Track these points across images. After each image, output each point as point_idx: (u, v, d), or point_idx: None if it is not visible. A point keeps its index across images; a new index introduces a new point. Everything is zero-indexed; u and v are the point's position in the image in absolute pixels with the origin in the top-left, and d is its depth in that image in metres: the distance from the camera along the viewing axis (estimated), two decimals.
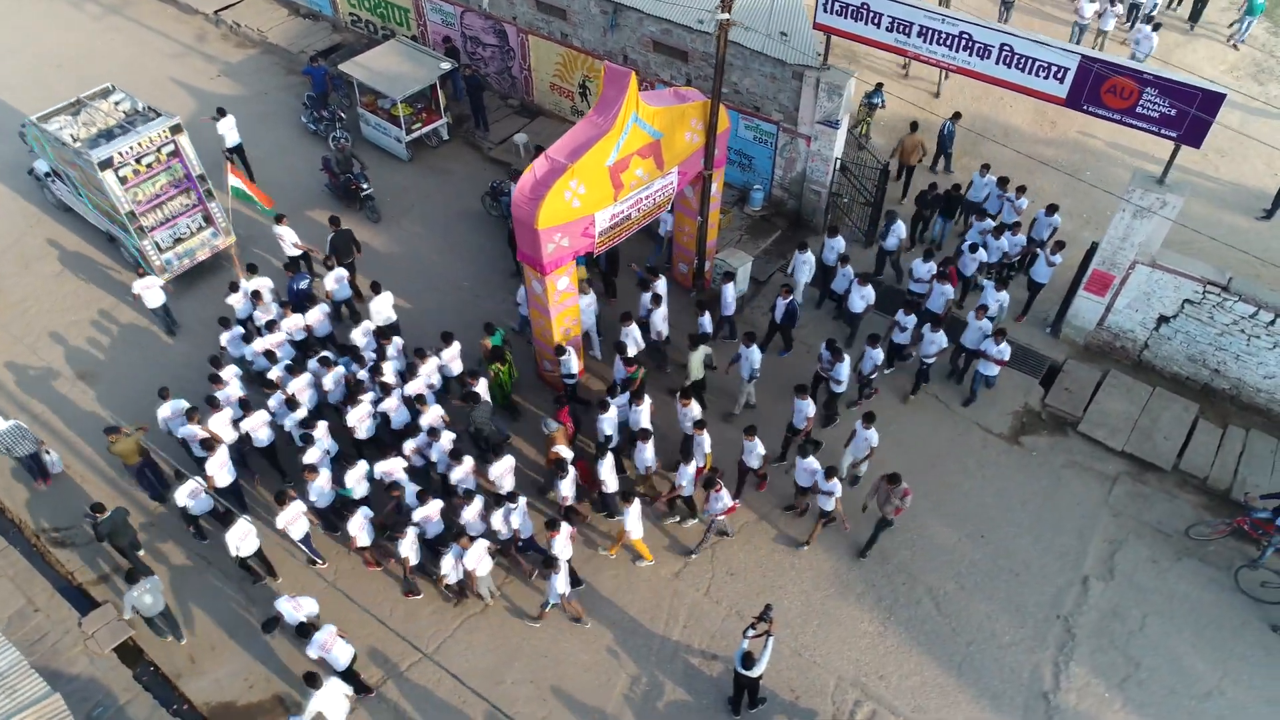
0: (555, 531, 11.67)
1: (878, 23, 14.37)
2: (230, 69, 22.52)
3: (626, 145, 13.05)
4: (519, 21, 19.44)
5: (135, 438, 13.04)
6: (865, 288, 14.56)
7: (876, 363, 13.84)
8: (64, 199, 17.85)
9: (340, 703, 10.62)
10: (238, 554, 12.12)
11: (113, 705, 11.66)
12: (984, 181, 16.36)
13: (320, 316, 14.88)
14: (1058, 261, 14.95)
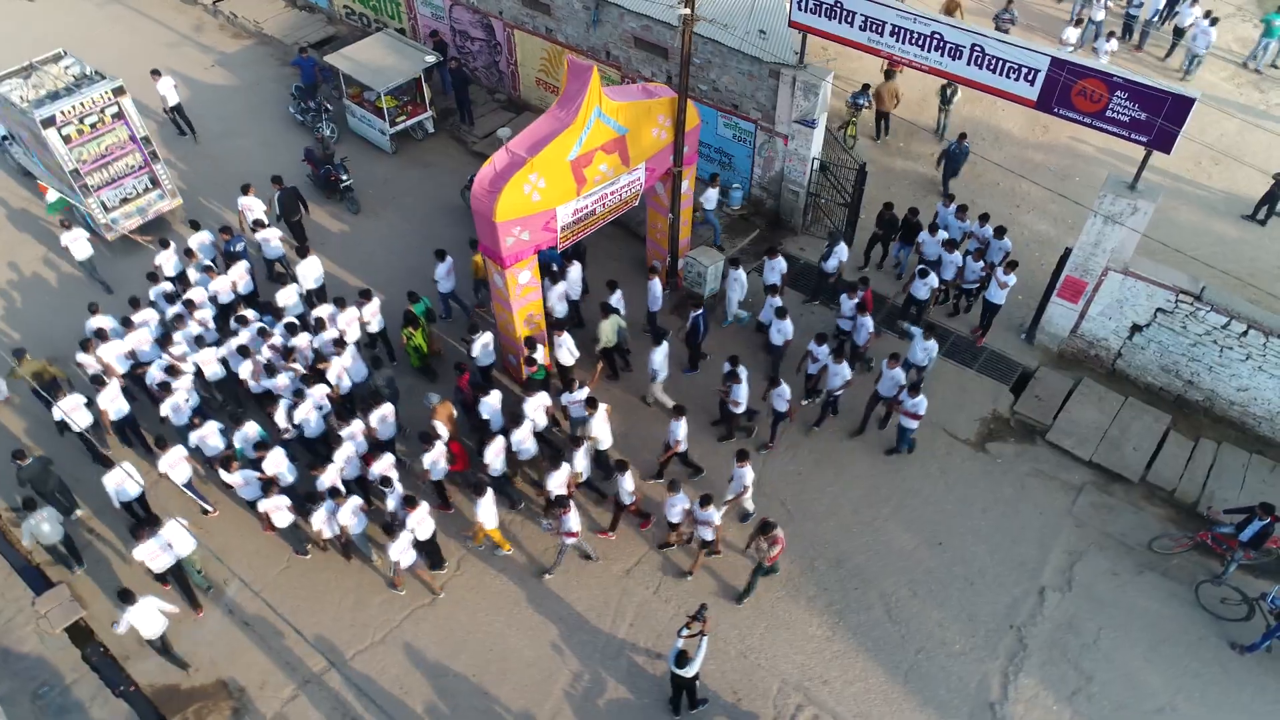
0: (412, 507, 11.80)
1: (851, 21, 14.23)
2: (225, 59, 22.69)
3: (590, 140, 12.99)
4: (505, 16, 19.44)
5: (39, 363, 13.89)
6: (784, 321, 13.99)
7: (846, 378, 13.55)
8: (21, 162, 18.42)
9: (155, 617, 11.23)
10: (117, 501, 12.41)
11: (59, 685, 11.78)
12: (947, 212, 15.96)
13: (242, 273, 15.22)
14: (1010, 282, 14.40)
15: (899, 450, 13.96)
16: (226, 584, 12.76)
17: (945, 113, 19.37)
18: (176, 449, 12.76)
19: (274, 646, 12.09)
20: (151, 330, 14.24)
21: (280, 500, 12.25)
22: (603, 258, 17.06)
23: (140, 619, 11.08)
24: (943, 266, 15.18)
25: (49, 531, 12.18)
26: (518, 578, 12.72)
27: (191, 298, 14.60)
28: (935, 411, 14.62)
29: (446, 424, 13.04)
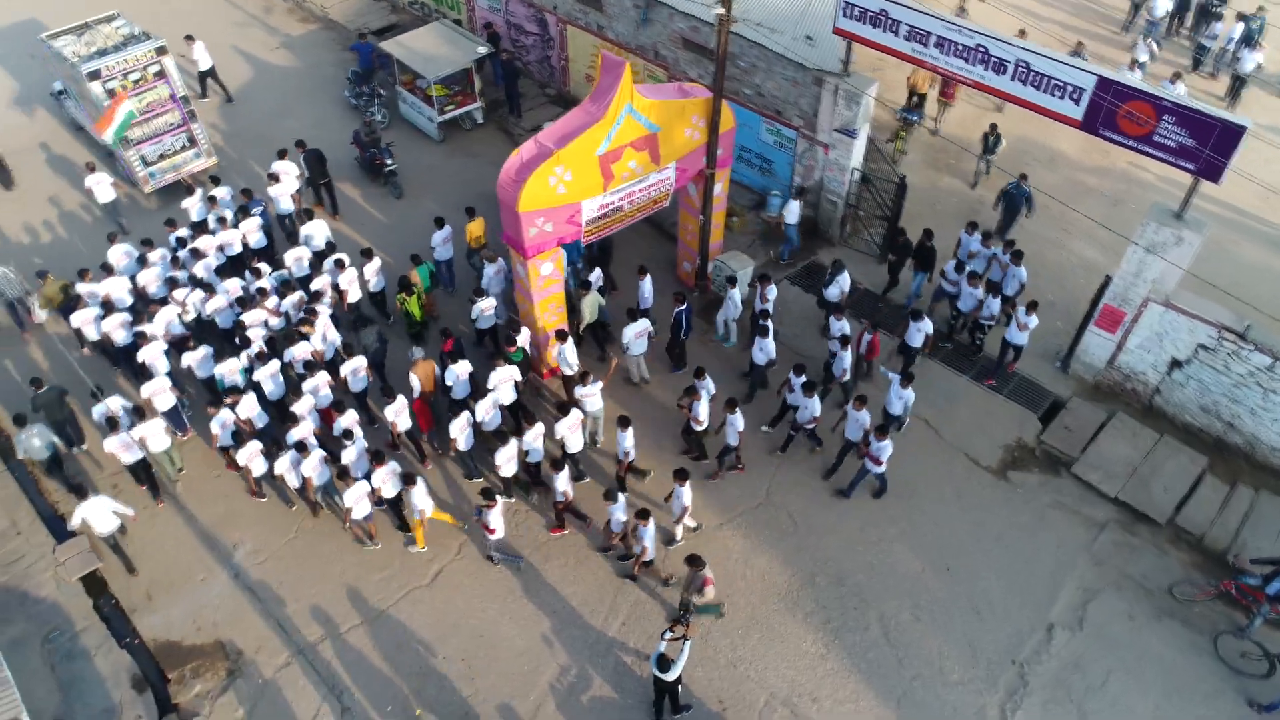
0: (380, 463, 12.27)
1: (895, 30, 13.95)
2: (289, 41, 23.30)
3: (619, 136, 12.99)
4: (559, 11, 19.57)
5: (61, 282, 15.15)
6: (766, 340, 13.69)
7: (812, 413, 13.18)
8: (74, 115, 19.52)
9: (108, 515, 12.21)
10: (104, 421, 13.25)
11: (69, 631, 12.18)
12: (970, 239, 15.38)
13: (253, 229, 16.01)
14: (1031, 324, 13.86)
15: (848, 495, 13.35)
16: (235, 548, 13.05)
17: (987, 163, 18.21)
18: (160, 379, 13.46)
19: (274, 613, 12.32)
20: (160, 271, 15.14)
21: (254, 447, 12.75)
22: (634, 256, 17.01)
23: (92, 514, 12.11)
24: (961, 298, 14.64)
25: (39, 446, 12.94)
26: (516, 569, 12.74)
27: (198, 245, 15.40)
28: (957, 434, 14.30)
29: (423, 382, 13.40)
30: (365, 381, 13.88)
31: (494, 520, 11.92)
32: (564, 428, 12.68)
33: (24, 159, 19.60)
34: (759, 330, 13.76)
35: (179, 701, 11.51)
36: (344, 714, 11.36)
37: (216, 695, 11.56)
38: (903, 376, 13.15)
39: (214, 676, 11.74)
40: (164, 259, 15.41)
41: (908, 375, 13.20)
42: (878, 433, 12.46)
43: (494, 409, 13.08)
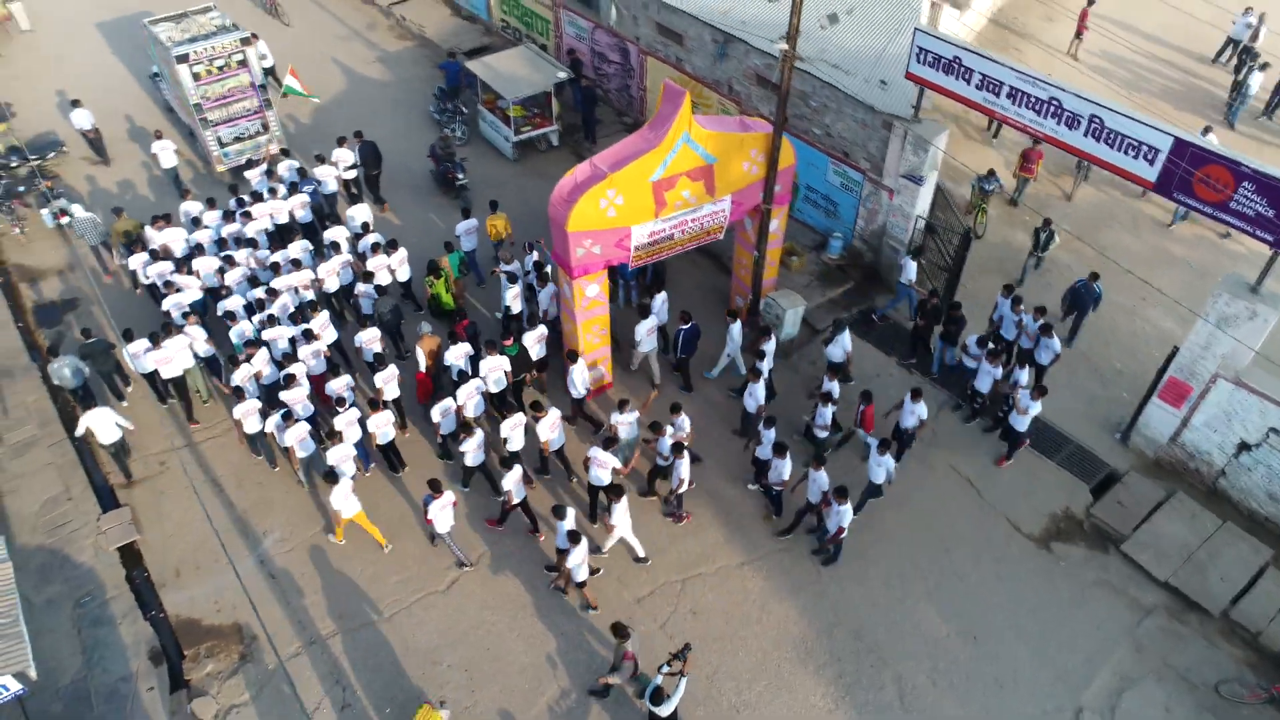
0: (375, 410, 13.24)
1: (968, 79, 13.69)
2: (386, 56, 24.24)
3: (675, 164, 13.03)
4: (641, 42, 19.86)
5: (134, 222, 16.74)
6: (756, 385, 13.33)
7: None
8: (168, 97, 21.12)
9: (110, 426, 13.29)
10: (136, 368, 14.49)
11: (100, 597, 12.64)
12: (1004, 303, 14.68)
13: (300, 205, 17.11)
14: (1031, 409, 13.00)
15: (829, 557, 12.79)
16: (265, 535, 13.38)
17: (1036, 260, 16.89)
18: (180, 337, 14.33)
19: (292, 603, 12.55)
20: (213, 231, 16.49)
21: (251, 405, 13.36)
22: (688, 286, 17.03)
23: (96, 423, 13.27)
24: (978, 375, 13.92)
25: (69, 376, 14.08)
26: (530, 583, 12.71)
27: (252, 211, 16.84)
28: (999, 496, 13.72)
29: (427, 356, 14.12)
30: (381, 352, 14.50)
31: (435, 511, 11.96)
32: (544, 428, 13.00)
33: (119, 136, 21.15)
34: (751, 374, 13.46)
35: (191, 678, 11.78)
36: (344, 710, 11.45)
37: (226, 676, 11.81)
38: (880, 442, 12.43)
39: (227, 658, 12.00)
40: (218, 221, 16.73)
41: (884, 441, 12.44)
42: (836, 495, 11.77)
43: (476, 395, 13.57)
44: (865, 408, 13.45)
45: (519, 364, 14.16)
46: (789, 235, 17.62)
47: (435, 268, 15.52)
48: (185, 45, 18.16)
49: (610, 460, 12.40)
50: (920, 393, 13.10)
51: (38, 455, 14.37)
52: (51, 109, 21.57)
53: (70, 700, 11.51)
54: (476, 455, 12.95)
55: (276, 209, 17.00)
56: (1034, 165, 17.92)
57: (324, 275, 15.59)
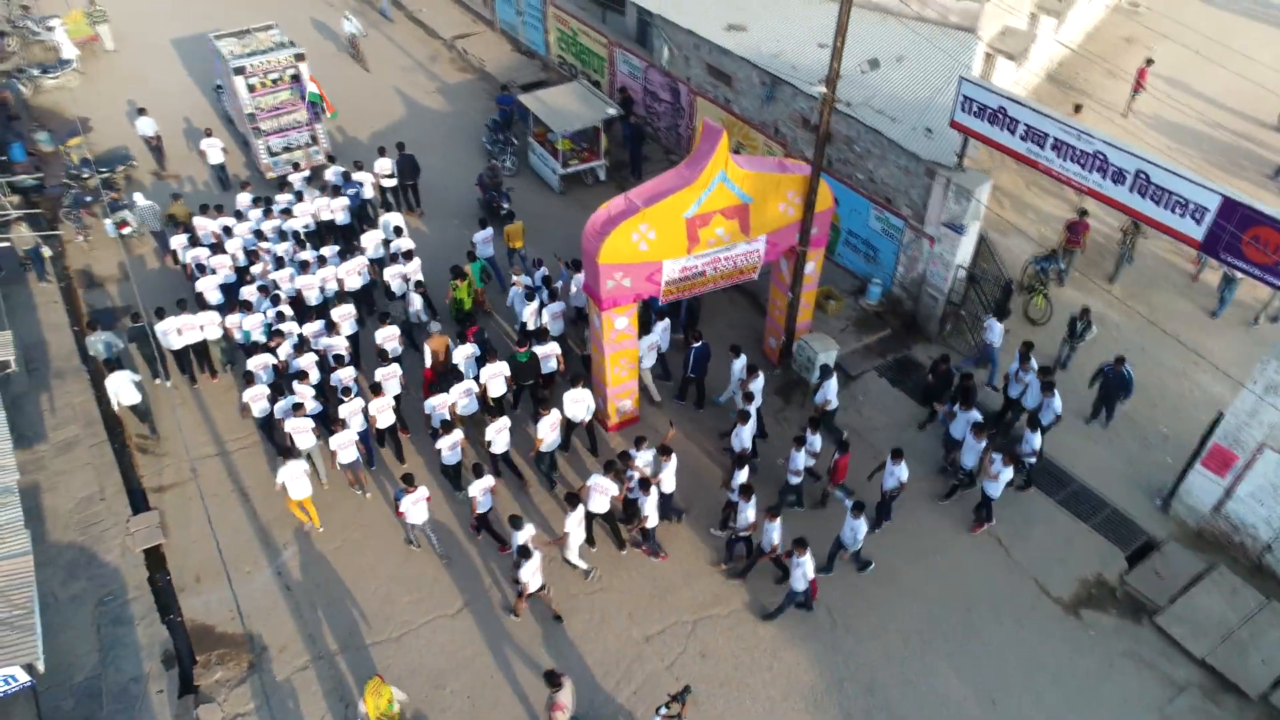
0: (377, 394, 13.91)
1: (1012, 129, 13.50)
2: (445, 88, 24.89)
3: (710, 202, 13.06)
4: (692, 82, 20.07)
5: (186, 209, 18.23)
6: (743, 427, 13.13)
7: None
8: (227, 108, 22.34)
9: (130, 388, 14.38)
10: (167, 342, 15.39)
11: (122, 597, 12.90)
12: (1025, 374, 14.10)
13: (339, 208, 18.09)
14: (1001, 475, 12.56)
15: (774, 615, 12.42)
16: (284, 547, 13.54)
17: (1071, 348, 15.68)
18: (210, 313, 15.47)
19: (304, 617, 12.65)
20: (252, 225, 17.64)
21: (260, 390, 13.91)
22: (722, 325, 16.98)
23: (118, 386, 14.34)
24: (964, 450, 13.37)
25: (101, 350, 15.15)
26: (541, 615, 12.62)
27: (294, 210, 17.95)
28: (1029, 557, 13.26)
29: (435, 354, 14.82)
30: (399, 349, 15.14)
31: (407, 505, 12.38)
32: (543, 425, 13.38)
33: (180, 143, 22.40)
34: (739, 416, 13.26)
35: (200, 684, 11.91)
36: None
37: (234, 685, 11.90)
38: (854, 505, 12.02)
39: (236, 667, 12.10)
40: (259, 217, 17.84)
41: (858, 504, 12.02)
42: (796, 546, 11.47)
43: (469, 396, 14.11)
44: (839, 458, 12.99)
45: (526, 371, 14.48)
46: (828, 279, 17.57)
47: (459, 272, 16.13)
48: (243, 59, 19.32)
49: (610, 487, 12.40)
50: (901, 454, 12.69)
51: (78, 455, 14.82)
52: (125, 124, 22.52)
53: (82, 697, 11.72)
54: (450, 454, 13.30)
55: (317, 209, 18.03)
56: (1080, 237, 17.14)
57: (344, 274, 16.33)
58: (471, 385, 14.18)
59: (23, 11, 26.54)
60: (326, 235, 18.05)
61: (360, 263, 16.54)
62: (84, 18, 25.75)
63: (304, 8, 28.28)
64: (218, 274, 16.32)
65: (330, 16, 27.56)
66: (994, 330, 15.04)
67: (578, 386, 13.84)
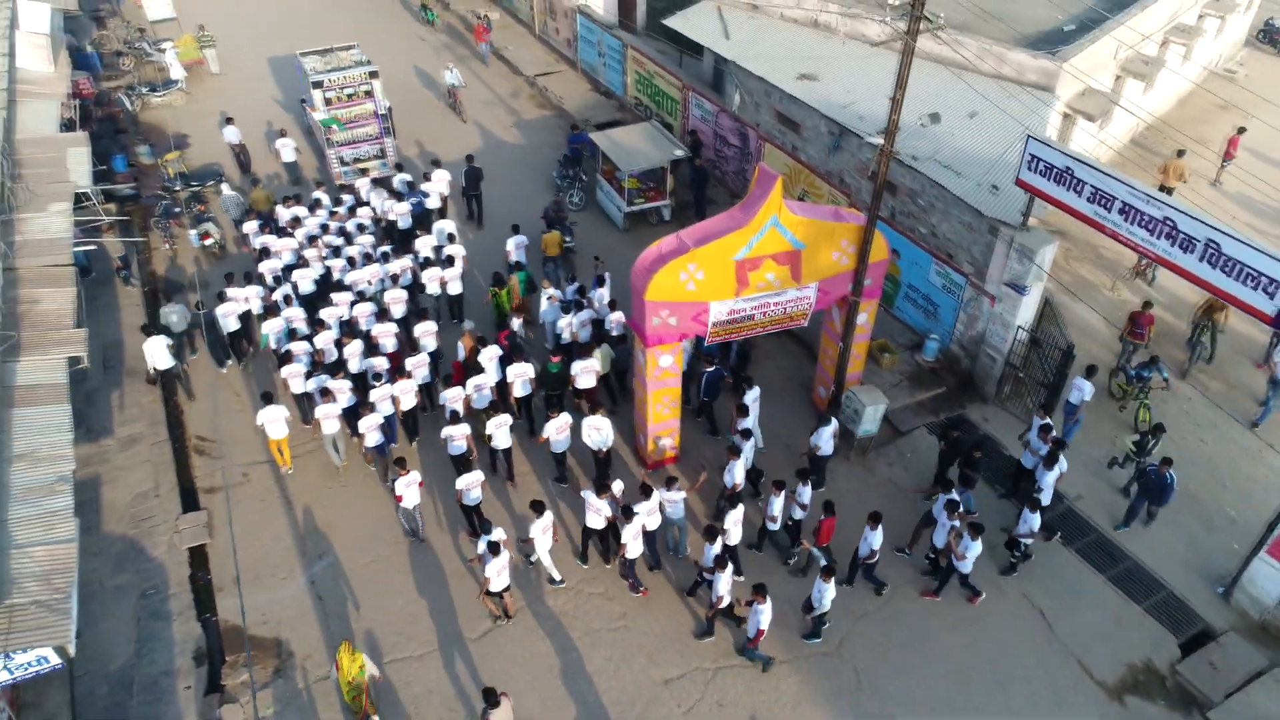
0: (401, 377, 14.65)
1: (1079, 190, 13.17)
2: (522, 123, 25.56)
3: (761, 246, 13.05)
4: (761, 128, 20.18)
5: (267, 194, 20.04)
6: (734, 463, 13.10)
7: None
8: (309, 121, 23.47)
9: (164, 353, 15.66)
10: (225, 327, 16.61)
11: (163, 592, 13.31)
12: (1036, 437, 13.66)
13: (402, 212, 19.34)
14: (968, 551, 12.11)
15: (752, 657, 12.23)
16: (321, 557, 13.82)
17: (1137, 467, 14.06)
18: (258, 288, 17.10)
19: (332, 628, 12.83)
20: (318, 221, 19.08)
21: (297, 367, 14.89)
22: (772, 370, 16.86)
23: (153, 350, 15.58)
24: (935, 529, 12.81)
25: (176, 321, 16.65)
26: (561, 647, 12.55)
27: (359, 211, 19.36)
28: (1073, 635, 12.66)
29: (467, 351, 15.53)
30: (434, 345, 15.89)
31: (401, 487, 13.00)
32: (550, 428, 13.91)
33: (262, 151, 23.73)
34: (729, 450, 13.30)
35: (226, 683, 12.17)
36: None
37: (258, 688, 12.12)
38: (824, 568, 11.69)
39: (262, 670, 12.33)
40: (325, 213, 19.25)
41: (827, 568, 11.69)
42: (755, 593, 11.39)
43: (480, 391, 14.68)
44: (825, 519, 12.67)
45: (555, 382, 15.02)
46: (885, 332, 17.32)
47: (500, 279, 17.04)
48: (322, 74, 20.96)
49: (604, 508, 12.67)
50: (879, 519, 12.26)
51: (139, 451, 15.46)
52: (220, 142, 23.66)
53: (114, 685, 12.09)
54: (457, 445, 13.91)
55: (382, 211, 19.49)
56: (1145, 331, 16.11)
57: (396, 270, 17.50)
58: (484, 381, 14.72)
59: (139, 34, 28.34)
60: (386, 237, 19.33)
61: (405, 263, 17.53)
62: (194, 42, 27.36)
63: (410, 54, 29.28)
64: (281, 257, 17.84)
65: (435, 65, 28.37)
66: (1083, 389, 14.51)
67: (597, 414, 13.96)
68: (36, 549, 10.14)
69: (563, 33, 28.46)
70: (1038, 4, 21.38)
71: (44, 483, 10.90)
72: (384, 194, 20.16)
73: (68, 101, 20.50)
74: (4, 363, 12.42)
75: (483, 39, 28.56)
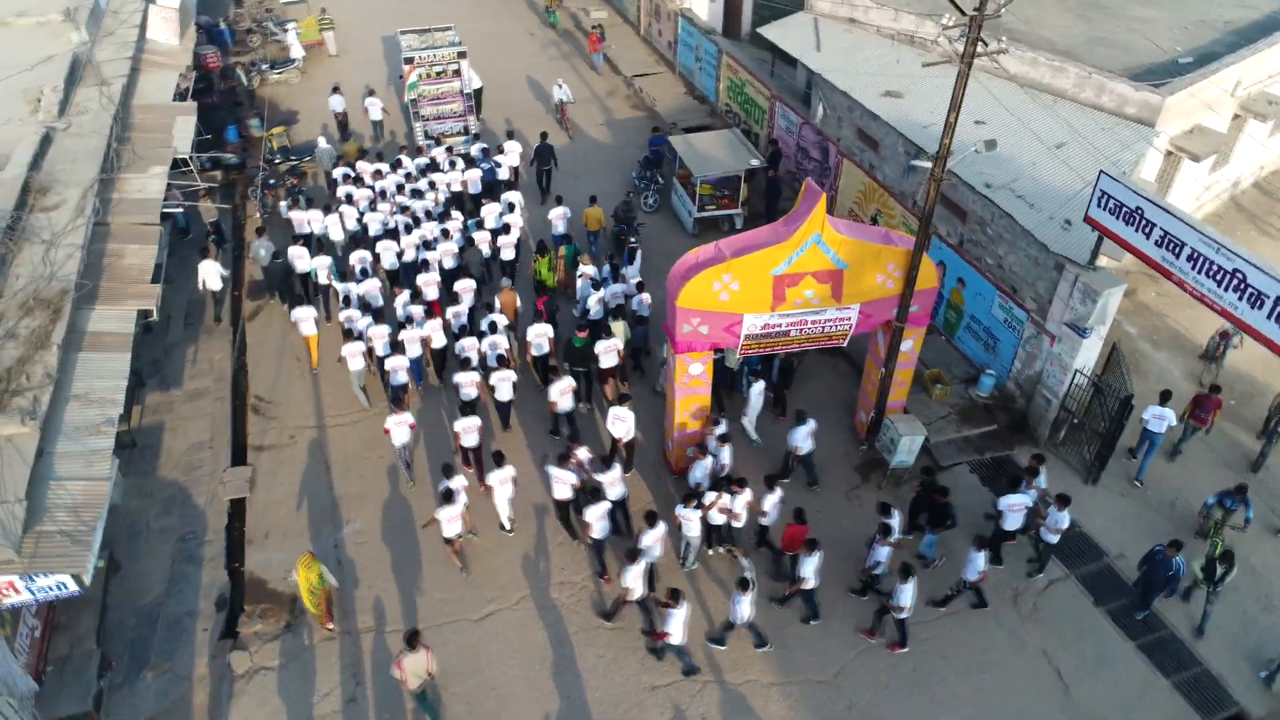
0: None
1: (1148, 233, 12.42)
2: (612, 122, 25.82)
3: (801, 262, 12.83)
4: (841, 144, 19.78)
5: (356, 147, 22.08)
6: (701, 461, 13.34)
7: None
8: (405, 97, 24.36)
9: (215, 275, 17.37)
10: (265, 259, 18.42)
11: (200, 538, 14.12)
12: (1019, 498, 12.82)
13: (473, 178, 20.49)
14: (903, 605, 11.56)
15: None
16: (348, 523, 14.37)
17: (1208, 594, 12.50)
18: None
19: (345, 592, 13.30)
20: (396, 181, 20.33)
21: (357, 346, 15.60)
22: (816, 387, 16.58)
23: (206, 272, 17.31)
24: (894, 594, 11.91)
25: (264, 255, 18.27)
26: (557, 640, 12.68)
27: (434, 177, 20.55)
28: (1092, 702, 11.97)
29: (505, 307, 16.41)
30: (472, 300, 16.96)
31: (391, 424, 14.12)
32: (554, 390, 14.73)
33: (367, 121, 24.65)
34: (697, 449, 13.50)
35: (241, 631, 12.82)
36: (349, 703, 11.96)
37: (268, 639, 12.73)
38: (739, 581, 11.68)
39: (274, 624, 12.93)
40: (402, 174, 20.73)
41: (741, 580, 11.65)
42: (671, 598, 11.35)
43: (500, 349, 15.47)
44: (790, 526, 12.66)
45: (578, 356, 15.49)
46: (942, 362, 16.76)
47: (543, 248, 17.82)
48: (414, 51, 22.42)
49: (567, 476, 13.12)
50: (816, 546, 11.96)
51: (202, 405, 16.42)
52: (331, 121, 24.78)
53: (141, 619, 12.90)
54: (466, 390, 14.92)
55: (454, 179, 20.60)
56: (1209, 415, 14.54)
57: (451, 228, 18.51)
58: (500, 339, 15.57)
59: (267, 14, 30.03)
60: (456, 202, 20.38)
61: (456, 224, 18.65)
62: (315, 24, 28.81)
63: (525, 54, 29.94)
64: (357, 204, 19.49)
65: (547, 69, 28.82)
66: (1165, 417, 14.03)
67: (623, 405, 14.09)
68: (74, 483, 10.92)
69: (665, 35, 28.59)
70: (1159, 34, 20.22)
71: (92, 423, 11.71)
72: (460, 161, 21.19)
73: (186, 73, 21.90)
74: (80, 309, 13.39)
75: (596, 48, 28.40)
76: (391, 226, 18.95)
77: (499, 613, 13.05)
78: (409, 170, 20.95)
